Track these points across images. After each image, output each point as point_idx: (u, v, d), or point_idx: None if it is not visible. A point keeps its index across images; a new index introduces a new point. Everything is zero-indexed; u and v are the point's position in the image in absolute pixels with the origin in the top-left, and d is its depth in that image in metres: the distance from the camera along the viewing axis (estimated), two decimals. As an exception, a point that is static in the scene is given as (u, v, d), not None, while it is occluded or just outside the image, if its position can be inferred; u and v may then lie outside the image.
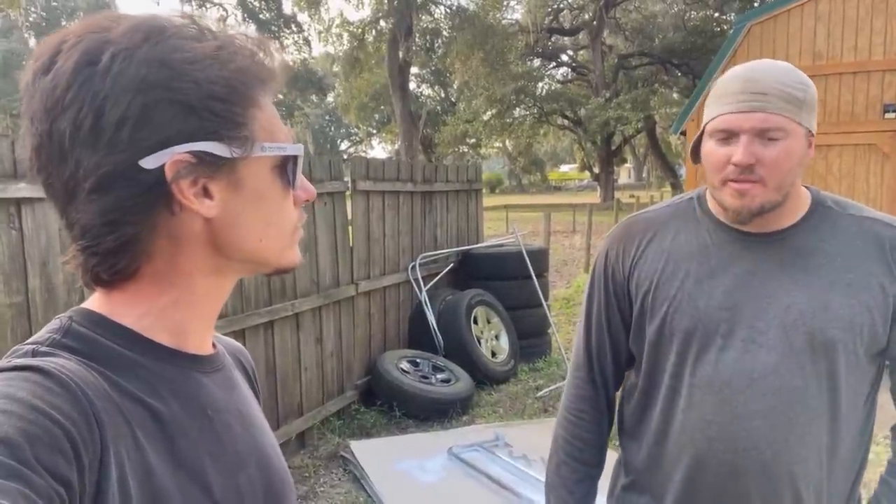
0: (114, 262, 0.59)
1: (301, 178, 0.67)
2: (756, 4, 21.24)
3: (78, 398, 0.51)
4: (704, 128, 1.17)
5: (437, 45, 26.48)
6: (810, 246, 1.15)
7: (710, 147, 1.15)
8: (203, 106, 0.57)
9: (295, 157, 0.65)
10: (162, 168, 0.56)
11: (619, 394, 1.41)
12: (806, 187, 1.21)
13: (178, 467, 0.59)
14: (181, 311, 0.64)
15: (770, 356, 1.12)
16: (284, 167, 0.65)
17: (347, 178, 4.58)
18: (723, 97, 1.12)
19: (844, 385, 1.12)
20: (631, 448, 1.33)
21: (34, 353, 0.55)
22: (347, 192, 4.58)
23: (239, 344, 0.84)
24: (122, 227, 0.57)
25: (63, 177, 0.57)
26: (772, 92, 1.07)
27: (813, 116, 1.12)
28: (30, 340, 0.58)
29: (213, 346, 0.71)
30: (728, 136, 1.11)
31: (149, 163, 0.56)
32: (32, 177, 0.60)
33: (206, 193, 0.60)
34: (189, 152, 0.57)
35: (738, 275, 1.16)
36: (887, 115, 6.21)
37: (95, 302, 0.62)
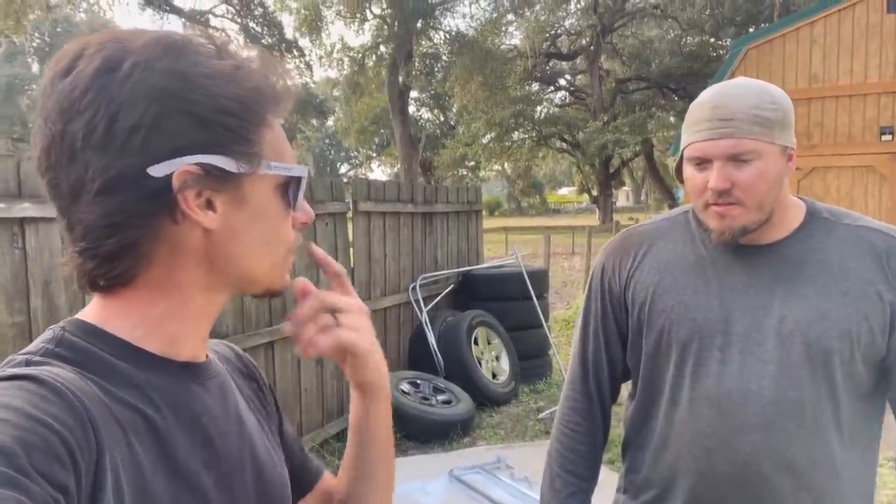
0: (112, 265, 0.59)
1: (301, 201, 0.68)
2: (751, 30, 21.53)
3: (72, 404, 0.52)
4: (683, 152, 1.19)
5: (436, 69, 26.78)
6: (805, 256, 1.15)
7: (689, 172, 1.17)
8: (216, 120, 0.58)
9: (298, 179, 0.67)
10: (169, 177, 0.57)
11: (622, 406, 1.41)
12: (802, 199, 1.22)
13: (173, 474, 0.59)
14: (174, 322, 0.64)
15: (767, 368, 1.12)
16: (287, 188, 0.66)
17: (349, 200, 4.61)
18: (694, 124, 1.14)
19: (844, 394, 1.12)
20: (632, 459, 1.33)
21: (28, 363, 0.56)
22: (349, 214, 4.60)
23: (231, 348, 0.83)
24: (124, 230, 0.58)
25: (70, 177, 0.57)
26: (739, 116, 1.08)
27: (789, 132, 1.12)
28: (23, 351, 0.58)
29: (207, 354, 0.71)
30: (703, 162, 1.13)
31: (158, 171, 0.57)
32: (40, 174, 0.60)
33: (210, 206, 0.61)
34: (198, 164, 0.58)
35: (733, 287, 1.17)
36: (884, 137, 6.27)
37: (90, 312, 0.63)
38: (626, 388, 1.41)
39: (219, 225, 0.61)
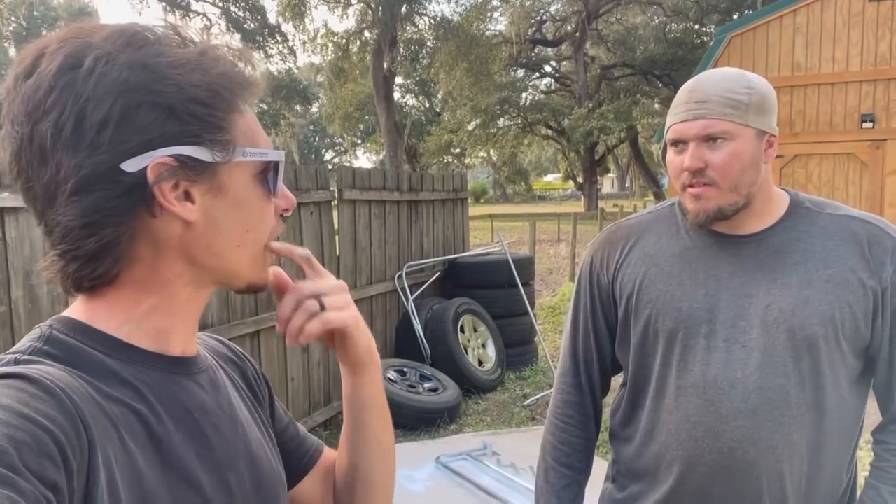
0: (95, 266, 0.59)
1: (282, 187, 0.68)
2: (735, 17, 21.60)
3: (63, 403, 0.51)
4: (665, 138, 1.23)
5: (421, 55, 26.60)
6: (788, 245, 1.17)
7: (669, 156, 1.21)
8: (185, 109, 0.58)
9: (276, 165, 0.66)
10: (143, 171, 0.57)
11: (609, 399, 1.43)
12: (785, 190, 1.24)
13: (167, 468, 0.59)
14: (162, 318, 0.64)
15: (752, 356, 1.14)
16: (266, 174, 0.65)
17: (334, 188, 4.58)
18: (674, 109, 1.19)
19: (830, 381, 1.14)
20: (620, 451, 1.34)
21: (17, 362, 0.55)
22: (334, 202, 4.58)
23: (225, 342, 0.83)
24: (103, 228, 0.57)
25: (43, 179, 0.57)
26: (713, 99, 1.13)
27: (766, 117, 1.15)
28: (11, 350, 0.58)
29: (196, 349, 0.71)
30: (679, 143, 1.17)
31: (130, 166, 0.56)
32: (11, 182, 0.59)
33: (188, 197, 0.60)
34: (171, 155, 0.57)
35: (718, 276, 1.19)
36: (865, 125, 6.33)
37: (76, 310, 0.62)
38: (615, 380, 1.42)
39: (199, 216, 0.61)
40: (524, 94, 30.18)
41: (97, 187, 0.56)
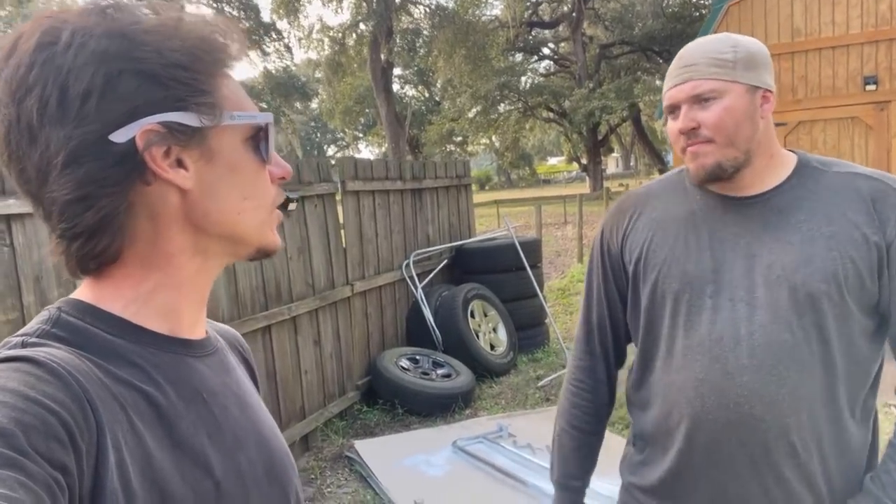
0: (95, 242, 0.59)
1: (274, 154, 0.68)
2: (733, -13, 21.29)
3: (70, 385, 0.52)
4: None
5: (418, 45, 26.48)
6: (793, 204, 1.18)
7: (669, 125, 1.24)
8: (167, 74, 0.58)
9: (266, 130, 0.66)
10: (133, 139, 0.57)
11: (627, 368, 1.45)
12: (794, 151, 1.25)
13: (178, 449, 0.59)
14: (168, 295, 0.64)
15: (757, 314, 1.16)
16: (257, 140, 0.65)
17: (337, 180, 4.59)
18: (666, 79, 1.24)
19: (836, 337, 1.14)
20: (636, 414, 1.37)
21: (24, 345, 0.56)
22: (337, 194, 4.59)
23: (233, 330, 0.84)
24: (98, 200, 0.57)
25: (34, 158, 0.57)
26: (698, 61, 1.17)
27: (756, 72, 1.16)
28: (19, 332, 0.58)
29: (206, 331, 0.71)
30: (674, 109, 1.21)
31: (119, 136, 0.56)
32: (5, 166, 0.59)
33: (181, 164, 0.60)
34: (159, 123, 0.57)
35: (723, 237, 1.21)
36: (868, 87, 6.26)
37: (84, 291, 0.63)
38: (631, 354, 1.43)
39: (193, 183, 0.61)
40: (524, 78, 29.98)
41: (88, 158, 0.56)
